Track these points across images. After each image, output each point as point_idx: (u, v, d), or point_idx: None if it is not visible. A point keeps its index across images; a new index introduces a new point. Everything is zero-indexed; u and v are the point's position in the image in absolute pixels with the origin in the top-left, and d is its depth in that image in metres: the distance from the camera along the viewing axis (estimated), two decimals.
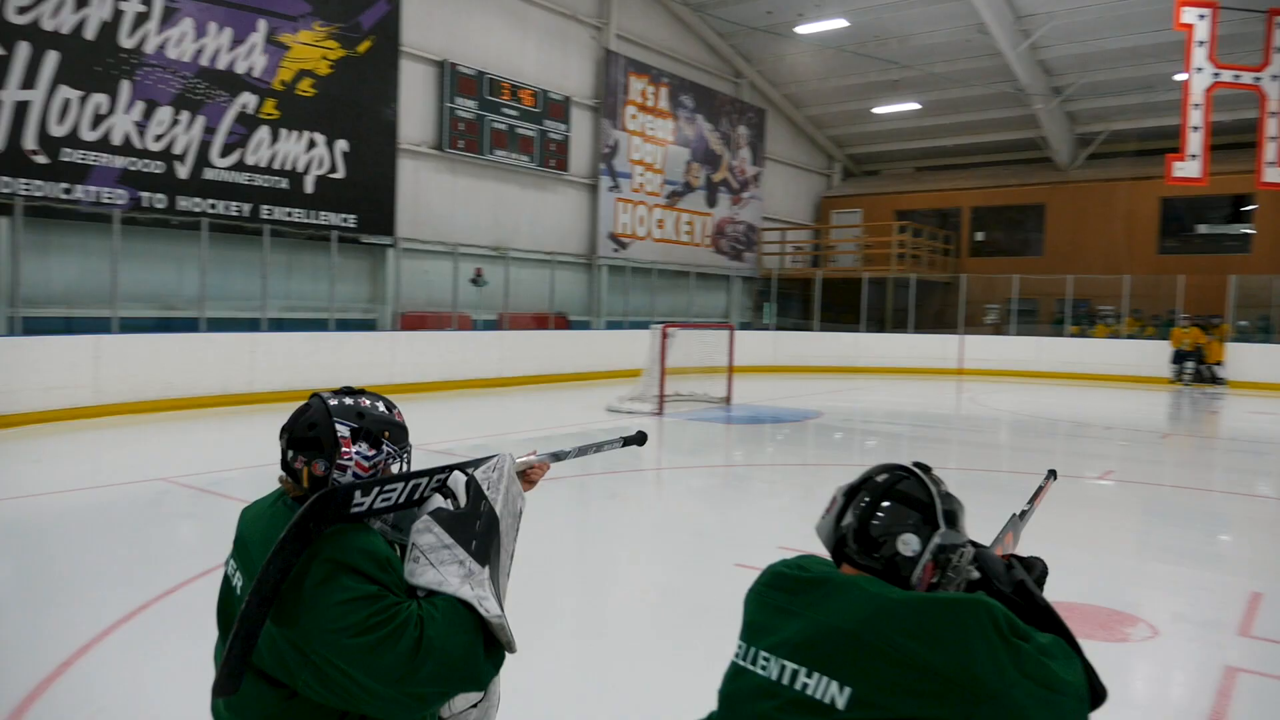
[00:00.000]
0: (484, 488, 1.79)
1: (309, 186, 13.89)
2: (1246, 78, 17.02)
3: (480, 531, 1.74)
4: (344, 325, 14.23)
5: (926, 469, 1.62)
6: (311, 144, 13.89)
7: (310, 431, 1.75)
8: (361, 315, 15.14)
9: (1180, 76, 19.65)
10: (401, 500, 1.75)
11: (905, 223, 23.57)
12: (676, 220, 21.64)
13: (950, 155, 26.46)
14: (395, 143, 15.17)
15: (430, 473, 1.79)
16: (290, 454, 1.76)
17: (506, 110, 17.09)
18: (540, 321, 17.47)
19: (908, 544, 1.53)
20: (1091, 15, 19.10)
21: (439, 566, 1.68)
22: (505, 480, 1.83)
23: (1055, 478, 2.24)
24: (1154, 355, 19.31)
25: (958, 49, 21.01)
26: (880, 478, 1.61)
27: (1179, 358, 18.62)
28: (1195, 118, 16.90)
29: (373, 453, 1.77)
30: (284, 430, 1.79)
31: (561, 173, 18.49)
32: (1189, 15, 16.59)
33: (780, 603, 1.57)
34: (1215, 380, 18.44)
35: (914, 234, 23.68)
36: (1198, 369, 18.46)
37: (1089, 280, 21.90)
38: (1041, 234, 24.18)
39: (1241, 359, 18.66)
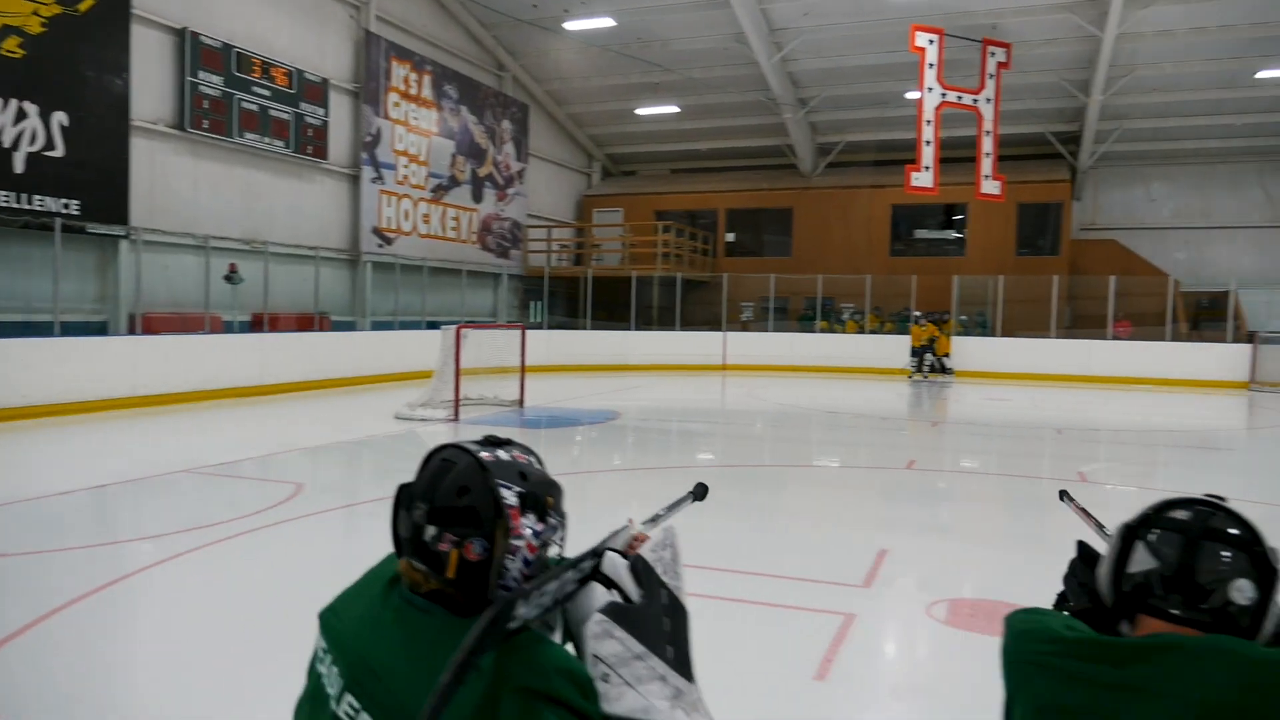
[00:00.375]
0: (659, 571, 1.33)
1: (19, 165, 11.68)
2: (968, 99, 19.10)
3: (673, 632, 1.28)
4: (69, 329, 12.12)
5: (1222, 501, 1.39)
6: (21, 114, 11.69)
7: (463, 499, 1.22)
8: (88, 317, 13.01)
9: (912, 95, 21.71)
10: (553, 603, 1.24)
11: (668, 223, 24.18)
12: (443, 215, 20.71)
13: (705, 159, 27.53)
14: (127, 119, 13.16)
15: (575, 562, 1.29)
16: (432, 531, 1.21)
17: (258, 89, 15.43)
18: (304, 323, 15.97)
19: (1243, 591, 1.29)
20: (836, 33, 20.55)
21: (638, 686, 1.20)
22: (679, 559, 1.38)
23: None
24: (894, 349, 21.18)
25: (717, 56, 21.83)
26: (1182, 514, 1.36)
27: (916, 352, 20.53)
28: (928, 133, 18.70)
29: (540, 526, 1.26)
30: (412, 496, 1.24)
31: (320, 160, 17.02)
32: (921, 39, 18.31)
33: (1109, 678, 1.27)
34: (945, 371, 20.53)
35: (676, 234, 24.35)
36: (932, 362, 20.44)
37: (834, 280, 23.65)
38: (790, 236, 25.76)
39: (965, 351, 20.94)
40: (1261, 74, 19.54)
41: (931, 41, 18.34)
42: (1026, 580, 5.20)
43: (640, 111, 24.51)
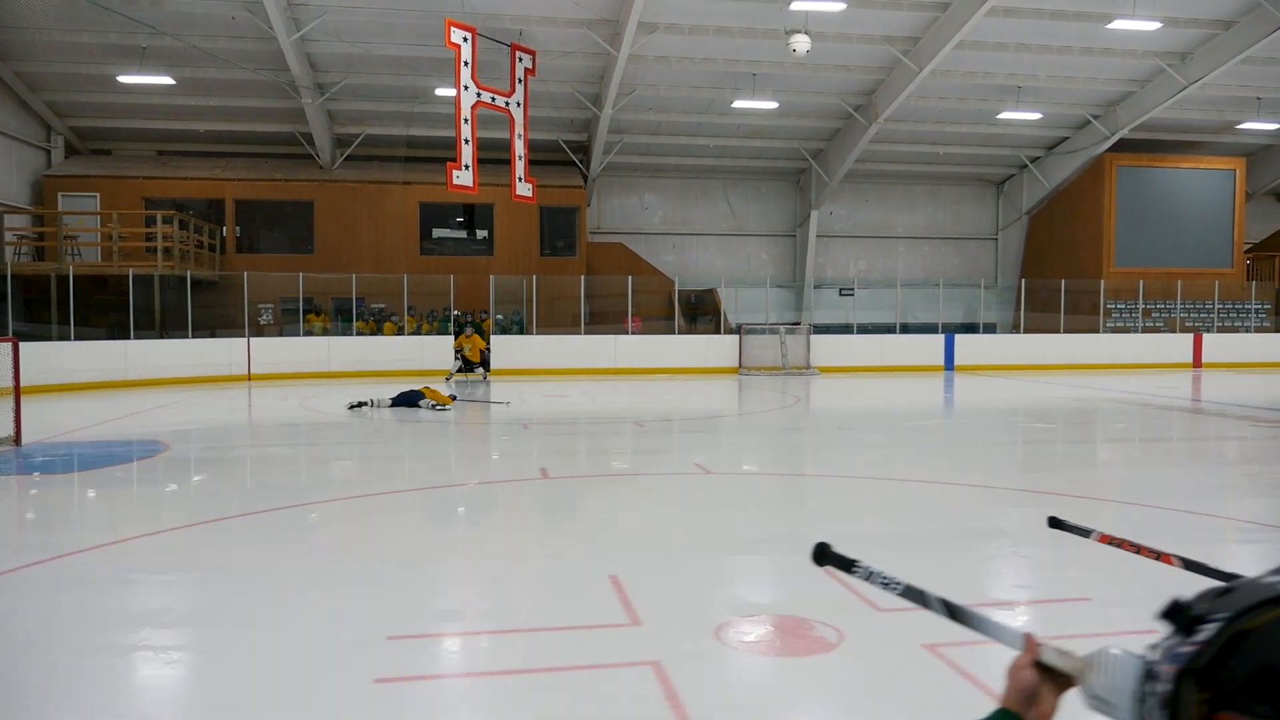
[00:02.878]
0: None
1: None
2: (501, 100, 19.35)
3: None
4: None
5: None
6: None
7: None
8: None
9: (442, 91, 21.44)
10: None
11: (168, 212, 20.74)
12: None
13: (205, 141, 24.20)
14: None
15: None
16: None
17: None
18: None
19: None
20: (362, 17, 19.39)
21: None
22: None
23: None
24: (436, 349, 20.76)
25: (221, 24, 19.22)
26: None
27: (460, 354, 20.29)
28: (466, 131, 18.55)
29: None
30: None
31: None
32: (456, 35, 18.06)
33: None
34: (486, 367, 20.62)
35: (179, 225, 21.00)
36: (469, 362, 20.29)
37: (365, 279, 22.45)
38: (312, 231, 23.82)
39: (504, 349, 21.35)
40: (738, 104, 22.93)
41: (466, 39, 18.19)
42: (783, 585, 5.17)
43: (125, 79, 20.57)
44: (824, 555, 1.52)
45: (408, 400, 13.40)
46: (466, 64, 18.31)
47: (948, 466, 9.38)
